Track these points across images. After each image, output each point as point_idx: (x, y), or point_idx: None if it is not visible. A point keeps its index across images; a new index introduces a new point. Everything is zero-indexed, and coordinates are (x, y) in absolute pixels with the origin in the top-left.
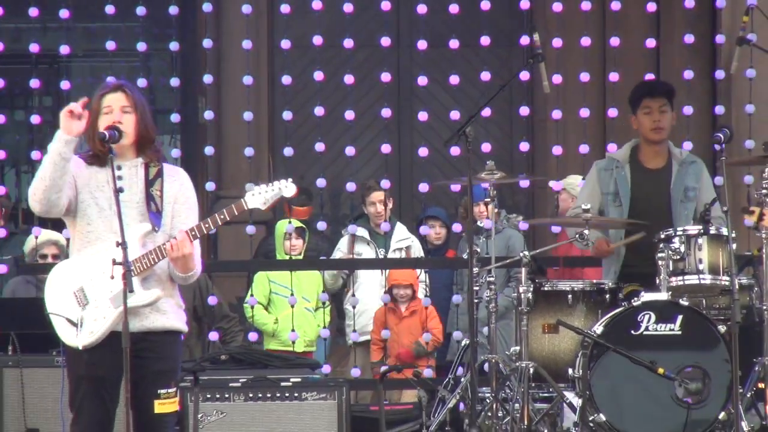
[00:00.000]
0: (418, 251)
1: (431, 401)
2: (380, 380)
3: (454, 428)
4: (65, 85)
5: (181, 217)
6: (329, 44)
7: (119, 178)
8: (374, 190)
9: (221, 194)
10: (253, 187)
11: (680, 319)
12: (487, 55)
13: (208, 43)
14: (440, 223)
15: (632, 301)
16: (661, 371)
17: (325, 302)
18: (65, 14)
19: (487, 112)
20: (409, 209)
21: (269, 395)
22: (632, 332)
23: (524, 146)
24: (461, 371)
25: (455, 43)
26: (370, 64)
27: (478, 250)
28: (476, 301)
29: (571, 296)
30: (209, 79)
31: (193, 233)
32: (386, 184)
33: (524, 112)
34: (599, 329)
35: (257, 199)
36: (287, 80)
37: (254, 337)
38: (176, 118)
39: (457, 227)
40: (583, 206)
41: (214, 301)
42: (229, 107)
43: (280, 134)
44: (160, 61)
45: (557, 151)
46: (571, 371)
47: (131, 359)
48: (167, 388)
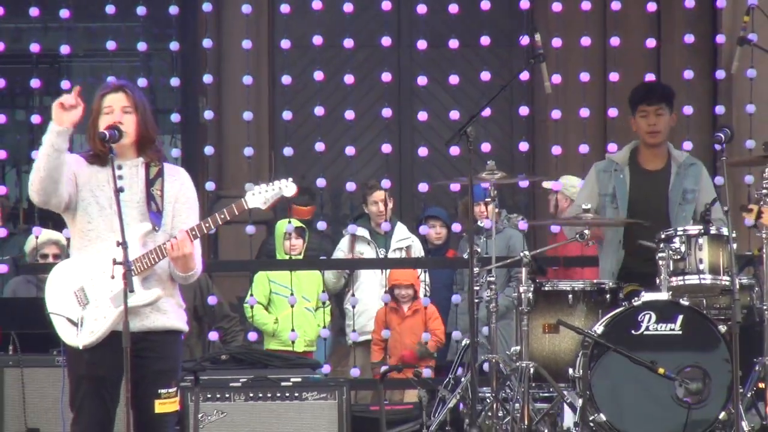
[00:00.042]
0: (418, 251)
1: (431, 401)
2: (380, 380)
3: (454, 428)
4: (66, 84)
5: (181, 216)
6: (329, 44)
7: (120, 177)
8: (376, 189)
9: (222, 194)
10: (253, 186)
11: (681, 319)
12: (487, 55)
13: (208, 42)
14: (440, 222)
15: (633, 301)
16: (661, 371)
17: (324, 302)
18: (65, 14)
19: (487, 111)
20: (409, 209)
21: (270, 395)
22: (633, 332)
23: (524, 146)
24: (461, 371)
25: (455, 43)
26: (370, 64)
27: (478, 250)
28: (476, 300)
29: (571, 296)
30: (209, 79)
31: (193, 233)
32: (386, 184)
33: (525, 112)
34: (600, 329)
35: (257, 198)
36: (287, 80)
37: (254, 336)
38: (176, 117)
39: (456, 227)
40: (583, 206)
41: (213, 300)
42: (229, 107)
43: (280, 134)
44: (160, 61)
45: (556, 151)
46: (571, 371)
47: (132, 359)
48: (168, 387)
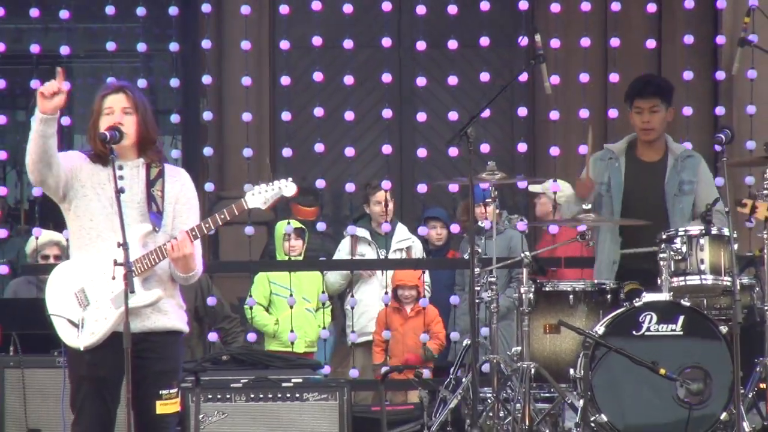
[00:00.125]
0: (419, 252)
1: (432, 402)
2: (381, 381)
3: (455, 429)
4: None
5: (182, 217)
6: (329, 45)
7: (120, 178)
8: (379, 189)
9: (223, 195)
10: (252, 187)
11: (682, 319)
12: (486, 55)
13: (207, 43)
14: (441, 223)
15: (634, 301)
16: (662, 372)
17: (324, 303)
18: (65, 15)
19: (487, 112)
20: (410, 210)
21: (270, 396)
22: (634, 333)
23: (523, 147)
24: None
25: (455, 43)
26: (370, 64)
27: (479, 250)
28: (477, 301)
29: (572, 296)
30: (208, 79)
31: (193, 233)
32: (387, 184)
33: (524, 112)
34: (601, 330)
35: (258, 198)
36: (287, 81)
37: (253, 337)
38: (176, 118)
39: (455, 228)
40: (584, 206)
41: (212, 301)
42: (230, 108)
43: (281, 135)
44: (160, 61)
45: (555, 151)
46: (572, 372)
47: (132, 360)
48: (168, 388)
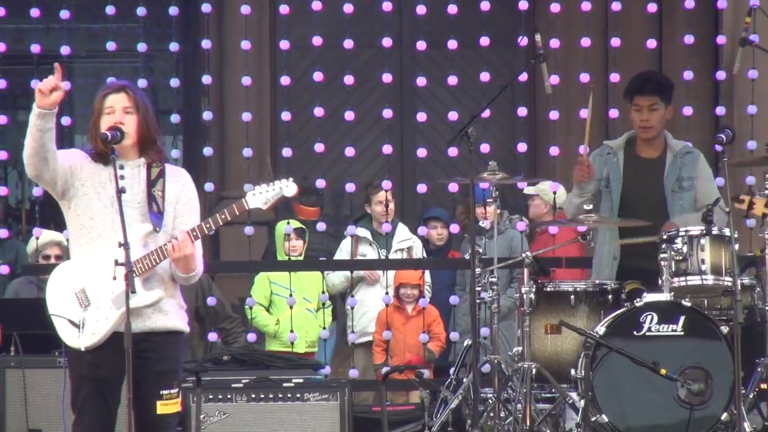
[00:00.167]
0: (419, 252)
1: (433, 402)
2: (382, 381)
3: (456, 429)
4: (67, 85)
5: (182, 217)
6: (329, 45)
7: (121, 177)
8: (379, 189)
9: (224, 195)
10: (253, 187)
11: (683, 319)
12: (486, 55)
13: (207, 43)
14: (442, 223)
15: (635, 301)
16: (663, 372)
17: (325, 303)
18: (66, 15)
19: (487, 112)
20: (410, 210)
21: (271, 396)
22: (635, 333)
23: (523, 147)
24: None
25: (455, 43)
26: (370, 64)
27: (480, 250)
28: (478, 301)
29: (573, 297)
30: (208, 79)
31: (194, 233)
32: (387, 184)
33: (525, 112)
34: (602, 330)
35: (258, 198)
36: (287, 81)
37: (253, 337)
38: (176, 118)
39: (454, 228)
40: (585, 207)
41: (213, 301)
42: (231, 108)
43: (282, 135)
44: (161, 61)
45: (555, 151)
46: (573, 372)
47: (133, 360)
48: (169, 388)
